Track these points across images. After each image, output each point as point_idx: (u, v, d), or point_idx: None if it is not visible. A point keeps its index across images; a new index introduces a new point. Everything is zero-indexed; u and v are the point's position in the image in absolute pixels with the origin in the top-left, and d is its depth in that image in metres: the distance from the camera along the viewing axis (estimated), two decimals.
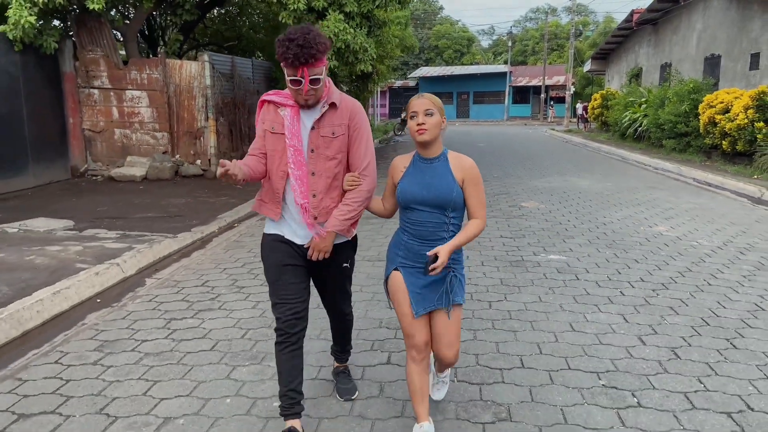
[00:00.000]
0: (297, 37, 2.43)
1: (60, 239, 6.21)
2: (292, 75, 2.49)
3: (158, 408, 2.96)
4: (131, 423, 2.83)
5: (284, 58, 2.48)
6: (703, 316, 4.20)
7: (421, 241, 2.56)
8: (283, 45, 2.47)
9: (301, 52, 2.42)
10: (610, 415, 2.88)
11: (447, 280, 2.56)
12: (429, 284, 2.56)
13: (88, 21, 10.66)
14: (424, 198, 2.53)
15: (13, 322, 4.06)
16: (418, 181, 2.55)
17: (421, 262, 2.55)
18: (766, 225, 7.34)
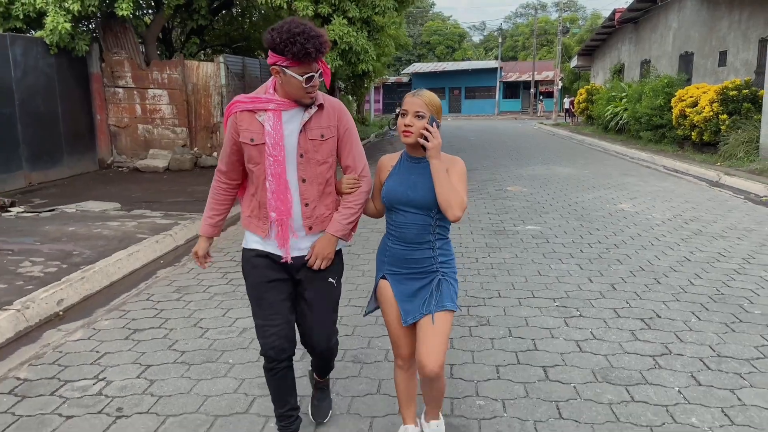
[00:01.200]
0: (306, 31, 2.20)
1: (115, 217, 7.34)
2: (306, 71, 2.25)
3: (236, 323, 4.13)
4: (220, 331, 4.00)
5: (301, 55, 2.21)
6: (641, 265, 5.40)
7: (406, 245, 2.40)
8: (295, 42, 2.18)
9: (317, 42, 2.21)
10: (560, 321, 4.06)
11: (434, 283, 2.40)
12: (417, 291, 2.42)
13: (113, 26, 11.74)
14: (410, 198, 2.36)
15: (103, 275, 5.19)
16: (404, 180, 2.39)
17: (408, 269, 2.42)
18: (715, 203, 8.55)
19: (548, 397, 3.06)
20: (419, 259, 2.40)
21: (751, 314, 4.17)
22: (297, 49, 2.17)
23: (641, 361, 3.46)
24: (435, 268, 2.40)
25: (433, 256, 2.40)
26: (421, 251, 2.39)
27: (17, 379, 3.40)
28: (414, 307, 2.40)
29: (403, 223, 2.39)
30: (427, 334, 2.33)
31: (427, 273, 2.40)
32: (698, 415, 2.88)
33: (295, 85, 2.27)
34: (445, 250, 2.44)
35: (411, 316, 2.39)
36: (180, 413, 2.94)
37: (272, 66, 2.28)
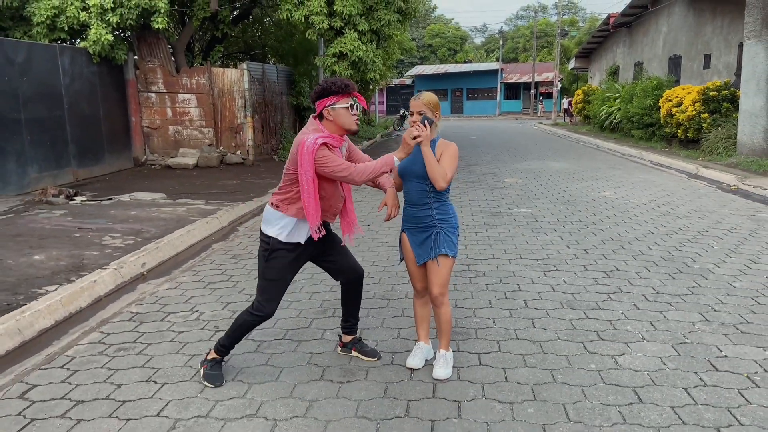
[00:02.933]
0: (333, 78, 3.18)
1: (165, 204, 8.52)
2: (347, 103, 3.12)
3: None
4: None
5: (344, 88, 3.11)
6: (612, 236, 6.55)
7: (412, 206, 3.28)
8: (337, 83, 3.11)
9: (351, 83, 3.16)
10: (540, 273, 5.20)
11: (433, 236, 3.26)
12: (424, 240, 3.28)
13: (148, 37, 12.94)
14: (411, 170, 3.23)
15: (171, 247, 6.36)
16: (411, 159, 3.24)
17: (416, 225, 3.29)
18: (689, 191, 9.69)
19: (526, 316, 4.22)
20: (421, 217, 3.28)
21: (691, 268, 5.31)
22: (338, 86, 3.09)
23: (598, 296, 4.61)
24: (434, 223, 3.25)
25: (431, 214, 3.26)
26: (422, 211, 3.26)
27: (131, 313, 4.57)
28: (423, 252, 3.31)
29: (408, 190, 3.31)
30: (432, 272, 3.28)
31: (428, 227, 3.28)
32: (632, 324, 4.03)
33: (344, 114, 3.12)
34: (443, 211, 3.28)
35: (421, 258, 3.32)
36: (259, 328, 4.10)
37: (323, 109, 3.11)
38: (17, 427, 2.95)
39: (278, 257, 3.26)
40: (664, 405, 2.99)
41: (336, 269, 3.56)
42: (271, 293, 3.30)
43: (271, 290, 3.30)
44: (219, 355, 3.42)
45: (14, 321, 4.04)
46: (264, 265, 3.31)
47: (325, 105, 3.14)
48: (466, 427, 2.85)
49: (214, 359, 3.42)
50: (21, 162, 9.93)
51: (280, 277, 3.30)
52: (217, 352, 3.41)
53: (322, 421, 2.95)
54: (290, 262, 3.31)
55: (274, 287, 3.30)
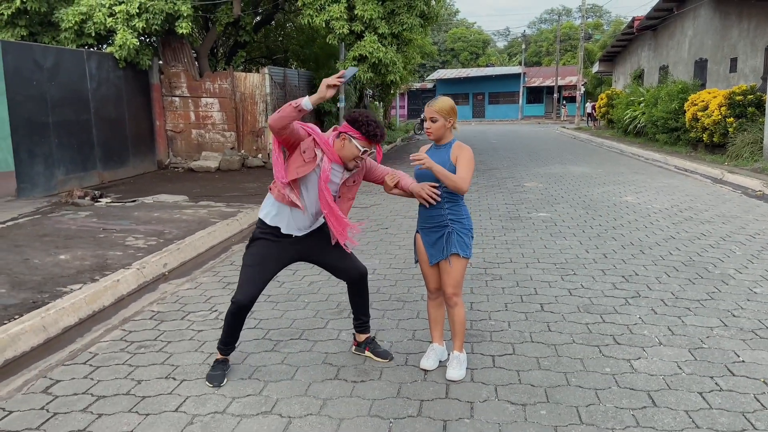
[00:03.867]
0: (379, 123, 3.22)
1: (187, 206, 8.66)
2: (366, 146, 3.20)
3: (304, 279, 5.34)
4: (293, 281, 5.22)
5: (371, 135, 3.18)
6: (632, 241, 6.49)
7: (425, 207, 3.35)
8: (370, 125, 3.17)
9: (382, 133, 3.23)
10: (557, 277, 5.19)
11: (445, 236, 3.30)
12: (436, 240, 3.33)
13: (172, 42, 13.18)
14: (426, 173, 3.27)
15: (192, 248, 6.47)
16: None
17: (429, 224, 3.35)
18: (713, 196, 9.55)
19: (542, 320, 4.21)
20: (434, 216, 3.33)
21: (711, 274, 5.25)
22: (370, 131, 3.17)
23: (615, 300, 4.59)
24: (446, 223, 3.30)
25: (444, 214, 3.31)
26: (435, 211, 3.31)
27: (152, 311, 4.67)
28: (435, 252, 3.35)
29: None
30: (444, 272, 3.34)
31: (440, 227, 3.33)
32: (649, 329, 4.00)
33: (351, 152, 3.19)
34: (456, 212, 3.32)
35: (434, 258, 3.36)
36: (276, 328, 4.17)
37: (342, 132, 3.20)
38: (40, 420, 3.04)
39: (258, 244, 3.35)
40: (679, 409, 2.97)
41: (336, 269, 3.60)
42: (243, 279, 3.32)
43: (244, 276, 3.33)
44: (222, 354, 3.49)
45: (39, 318, 4.15)
46: (245, 252, 3.42)
47: (348, 131, 3.22)
48: (478, 427, 2.87)
49: (217, 360, 3.50)
50: (48, 164, 10.17)
51: (257, 264, 3.33)
52: (219, 351, 3.49)
53: (335, 419, 2.99)
54: (270, 250, 3.34)
55: (248, 274, 3.32)
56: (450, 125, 3.33)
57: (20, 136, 9.56)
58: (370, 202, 9.44)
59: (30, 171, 9.79)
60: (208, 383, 3.39)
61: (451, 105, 3.33)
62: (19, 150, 9.56)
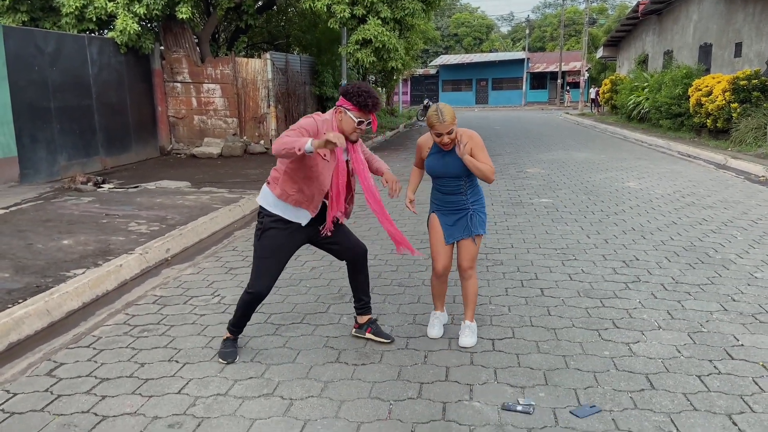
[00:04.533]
0: (370, 91, 3.22)
1: (190, 192, 8.67)
2: (361, 117, 3.23)
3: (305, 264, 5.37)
4: (294, 267, 5.24)
5: (362, 105, 3.20)
6: (633, 226, 6.50)
7: (446, 194, 3.57)
8: (361, 96, 3.19)
9: (375, 101, 3.23)
10: (558, 262, 5.20)
11: (468, 217, 3.54)
12: (456, 221, 3.54)
13: (173, 27, 13.12)
14: (444, 173, 3.51)
15: (194, 233, 6.49)
16: (439, 161, 3.51)
17: (449, 208, 3.55)
18: (716, 182, 9.53)
19: (542, 304, 4.23)
20: (455, 201, 3.57)
21: (712, 258, 5.25)
22: (362, 101, 3.20)
23: (616, 285, 4.60)
24: (467, 206, 3.56)
25: (465, 199, 3.56)
26: (456, 197, 3.55)
27: (155, 296, 4.70)
28: (454, 231, 3.56)
29: (442, 184, 3.58)
30: (466, 248, 3.57)
31: (461, 209, 3.56)
32: (649, 313, 4.02)
33: (349, 124, 3.24)
34: (475, 194, 3.58)
35: (452, 238, 3.58)
36: (279, 312, 4.21)
37: (338, 106, 3.26)
38: (44, 402, 3.08)
39: (269, 236, 3.36)
40: (677, 392, 2.99)
41: (339, 250, 3.64)
42: (261, 271, 3.38)
43: (261, 268, 3.38)
44: (232, 335, 3.55)
45: (43, 302, 4.19)
46: (256, 243, 3.42)
47: (343, 104, 3.28)
48: (477, 408, 2.90)
49: (227, 339, 3.55)
50: (51, 150, 10.18)
51: (271, 255, 3.37)
52: (229, 331, 3.55)
53: (336, 401, 3.02)
54: (282, 240, 3.38)
55: (265, 265, 3.38)
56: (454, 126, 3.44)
57: (22, 122, 9.57)
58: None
59: (33, 156, 9.80)
60: (221, 360, 3.46)
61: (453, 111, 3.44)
62: (22, 135, 9.57)
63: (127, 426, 2.83)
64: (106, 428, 2.82)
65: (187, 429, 2.79)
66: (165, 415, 2.92)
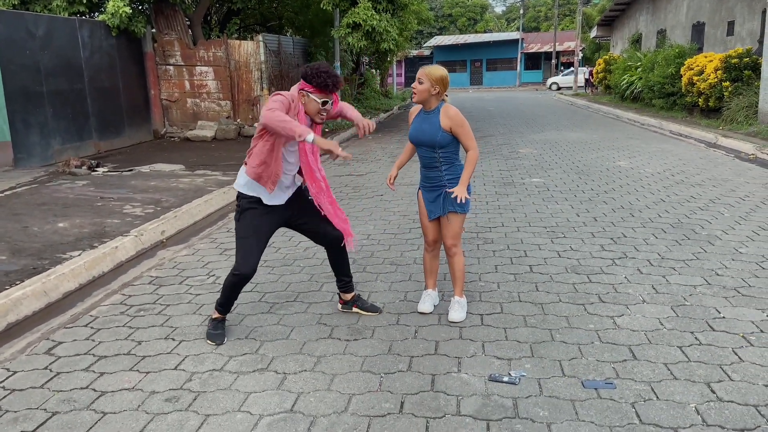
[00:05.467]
0: (329, 71, 3.24)
1: (184, 175, 8.71)
2: (324, 98, 3.25)
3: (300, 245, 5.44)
4: (288, 248, 5.31)
5: (323, 86, 3.22)
6: (622, 204, 6.59)
7: (425, 168, 3.61)
8: (320, 77, 3.20)
9: (335, 80, 3.24)
10: (547, 240, 5.29)
11: (442, 195, 3.58)
12: (435, 198, 3.61)
13: (164, 9, 13.04)
14: (419, 140, 3.54)
15: (189, 215, 6.54)
16: (417, 127, 3.56)
17: (429, 184, 3.61)
18: (705, 160, 9.61)
19: (530, 281, 4.33)
20: (432, 177, 3.62)
21: (699, 235, 5.35)
22: (320, 81, 3.22)
23: (603, 261, 4.70)
24: (443, 183, 3.58)
25: (441, 175, 3.58)
26: (433, 172, 3.59)
27: (151, 277, 4.77)
28: (434, 209, 3.65)
29: (420, 155, 3.63)
30: (444, 226, 3.66)
31: (438, 186, 3.61)
32: (634, 288, 4.12)
33: (313, 106, 3.27)
34: (452, 172, 3.57)
35: (432, 214, 3.67)
36: (273, 291, 4.29)
37: (300, 90, 3.26)
38: (44, 379, 3.16)
39: (248, 215, 3.43)
40: (658, 362, 3.10)
41: (313, 233, 3.71)
42: (245, 251, 3.43)
43: (243, 248, 3.44)
44: (220, 314, 3.60)
45: (40, 284, 4.25)
46: (237, 225, 3.50)
47: (303, 88, 3.29)
48: (465, 379, 2.99)
49: (216, 319, 3.60)
50: (44, 134, 10.17)
51: (250, 234, 3.43)
52: (217, 310, 3.60)
53: (328, 374, 3.11)
54: (259, 219, 3.44)
55: (246, 244, 3.44)
56: (435, 92, 3.45)
57: (15, 106, 9.55)
58: (366, 170, 9.49)
59: (26, 141, 9.80)
60: (209, 341, 3.51)
61: (442, 74, 3.46)
62: (15, 120, 9.55)
63: (126, 400, 2.92)
64: (104, 403, 2.90)
65: (183, 403, 2.88)
66: (162, 390, 3.00)
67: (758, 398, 2.74)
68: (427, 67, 3.48)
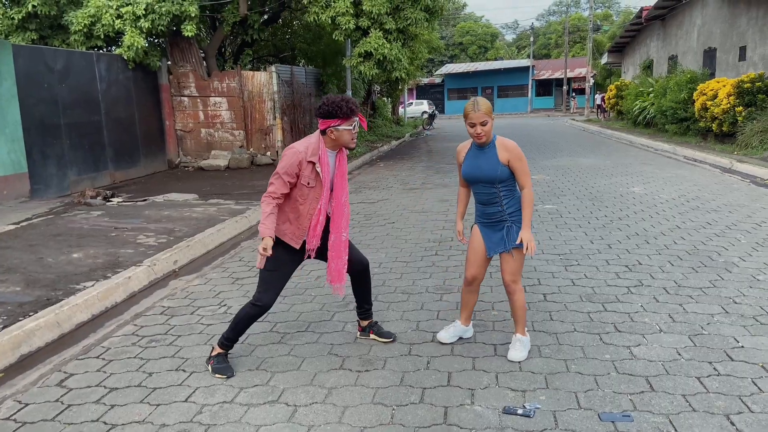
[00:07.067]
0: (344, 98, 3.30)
1: (197, 204, 8.78)
2: (350, 125, 3.31)
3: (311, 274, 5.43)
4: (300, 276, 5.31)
5: (349, 114, 3.28)
6: (637, 231, 6.52)
7: (483, 205, 3.48)
8: (342, 108, 3.25)
9: (353, 103, 3.31)
10: (561, 268, 5.23)
11: (505, 230, 3.43)
12: (495, 233, 3.47)
13: (180, 42, 13.30)
14: (477, 177, 3.41)
15: (201, 245, 6.57)
16: (473, 164, 3.43)
17: (488, 220, 3.47)
18: (721, 186, 9.53)
19: (544, 309, 4.27)
20: (492, 213, 3.47)
21: (716, 262, 5.27)
22: (344, 111, 3.26)
23: (618, 289, 4.63)
24: (504, 218, 3.44)
25: (502, 210, 3.44)
26: (493, 207, 3.45)
27: (163, 307, 4.78)
28: (495, 245, 3.49)
29: (479, 192, 3.49)
30: (505, 262, 3.49)
31: (500, 221, 3.47)
32: (650, 317, 4.05)
33: (345, 135, 3.32)
34: (513, 205, 3.44)
35: (492, 251, 3.51)
36: (284, 321, 4.27)
37: (327, 128, 3.30)
38: (55, 412, 3.15)
39: (276, 249, 3.40)
40: (676, 393, 3.03)
41: None
42: (268, 284, 3.46)
43: (267, 281, 3.46)
44: (223, 350, 3.57)
45: (53, 315, 4.27)
46: None
47: (329, 125, 3.32)
48: (478, 412, 2.94)
49: (219, 354, 3.56)
50: (61, 166, 10.34)
51: (277, 268, 3.46)
52: (221, 346, 3.56)
53: (340, 407, 3.07)
54: (287, 254, 3.48)
55: (271, 278, 3.47)
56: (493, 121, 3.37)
57: (33, 138, 9.73)
58: (378, 197, 9.51)
59: (43, 172, 9.95)
60: (218, 375, 3.48)
61: (491, 106, 3.40)
62: (32, 152, 9.72)
63: None
64: None
65: None
66: (172, 423, 2.98)
67: None
68: (481, 104, 3.31)
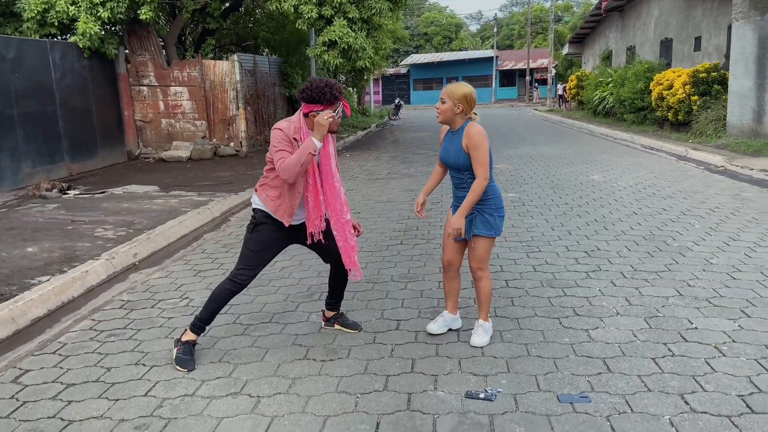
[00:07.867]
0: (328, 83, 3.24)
1: (158, 196, 8.61)
2: (333, 111, 3.25)
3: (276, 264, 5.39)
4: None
5: (333, 100, 3.23)
6: (596, 218, 6.66)
7: (456, 189, 3.52)
8: (325, 93, 3.20)
9: (338, 89, 3.26)
10: (523, 255, 5.31)
11: (469, 218, 3.43)
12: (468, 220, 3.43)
13: (138, 30, 12.98)
14: (446, 161, 3.50)
15: (162, 237, 6.45)
16: (445, 148, 3.49)
17: (459, 204, 3.44)
18: (676, 173, 9.79)
19: (506, 295, 4.34)
20: (462, 197, 3.43)
21: (670, 246, 5.42)
22: (327, 97, 3.22)
23: (577, 275, 4.73)
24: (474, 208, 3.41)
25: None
26: (462, 192, 3.45)
27: (122, 301, 4.68)
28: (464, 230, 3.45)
29: (451, 176, 3.55)
30: (469, 249, 3.54)
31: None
32: (608, 300, 4.15)
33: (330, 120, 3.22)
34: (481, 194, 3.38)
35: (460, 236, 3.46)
36: (247, 313, 4.24)
37: (311, 112, 3.25)
38: (10, 409, 3.06)
39: (261, 230, 3.46)
40: (632, 374, 3.11)
41: (325, 252, 3.70)
42: (250, 262, 3.48)
43: (250, 260, 3.48)
44: (195, 335, 3.53)
45: (7, 310, 4.14)
46: (248, 236, 3.51)
47: (312, 110, 3.28)
48: (441, 397, 2.97)
49: (188, 342, 3.51)
50: (15, 158, 10.00)
51: (261, 249, 3.48)
52: (192, 330, 3.52)
53: (303, 396, 3.06)
54: (273, 236, 3.49)
55: (254, 257, 3.48)
56: (459, 111, 3.35)
57: None
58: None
59: None
60: (179, 367, 3.42)
61: (465, 92, 3.36)
62: None
63: (93, 429, 2.84)
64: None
65: (153, 430, 2.81)
66: (131, 418, 2.93)
67: (731, 409, 2.76)
68: (450, 86, 3.39)
